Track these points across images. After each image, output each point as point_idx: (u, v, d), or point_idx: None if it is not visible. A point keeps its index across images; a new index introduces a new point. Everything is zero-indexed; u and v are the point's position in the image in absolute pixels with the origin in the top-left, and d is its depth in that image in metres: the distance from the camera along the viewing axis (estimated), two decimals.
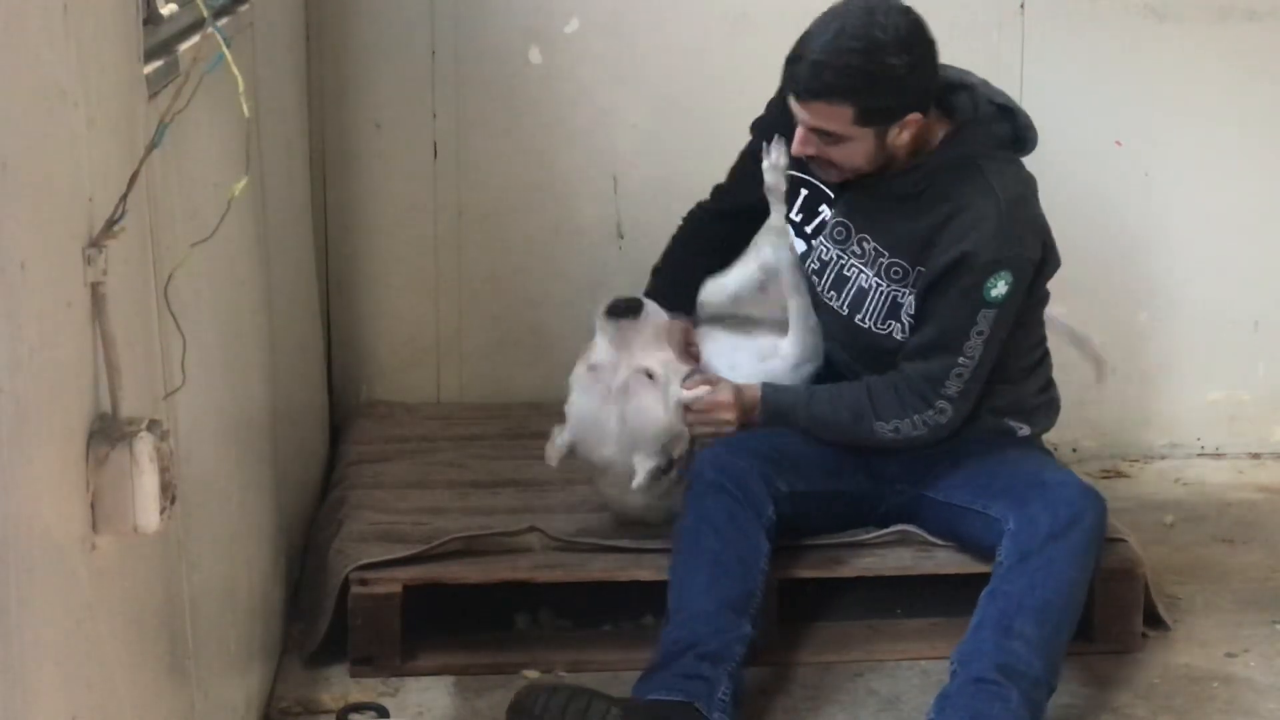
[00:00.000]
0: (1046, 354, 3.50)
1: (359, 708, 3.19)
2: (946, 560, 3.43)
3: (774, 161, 3.43)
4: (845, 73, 3.15)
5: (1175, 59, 4.43)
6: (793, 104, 3.24)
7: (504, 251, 4.43)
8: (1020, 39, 4.36)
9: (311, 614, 3.43)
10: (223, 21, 2.73)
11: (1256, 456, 4.59)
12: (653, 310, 3.41)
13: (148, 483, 1.85)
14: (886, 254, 3.31)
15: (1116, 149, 4.44)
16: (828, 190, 3.40)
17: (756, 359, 3.50)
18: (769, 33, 4.25)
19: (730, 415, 3.35)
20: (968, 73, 3.37)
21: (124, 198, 1.92)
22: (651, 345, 3.38)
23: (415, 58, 4.32)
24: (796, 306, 3.48)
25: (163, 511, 1.88)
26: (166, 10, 2.37)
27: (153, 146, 2.06)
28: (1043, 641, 3.05)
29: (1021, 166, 3.33)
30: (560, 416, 3.43)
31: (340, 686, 3.28)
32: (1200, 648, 3.50)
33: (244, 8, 3.08)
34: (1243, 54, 4.44)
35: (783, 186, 3.44)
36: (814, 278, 3.42)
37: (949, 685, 3.05)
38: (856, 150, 3.23)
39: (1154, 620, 3.52)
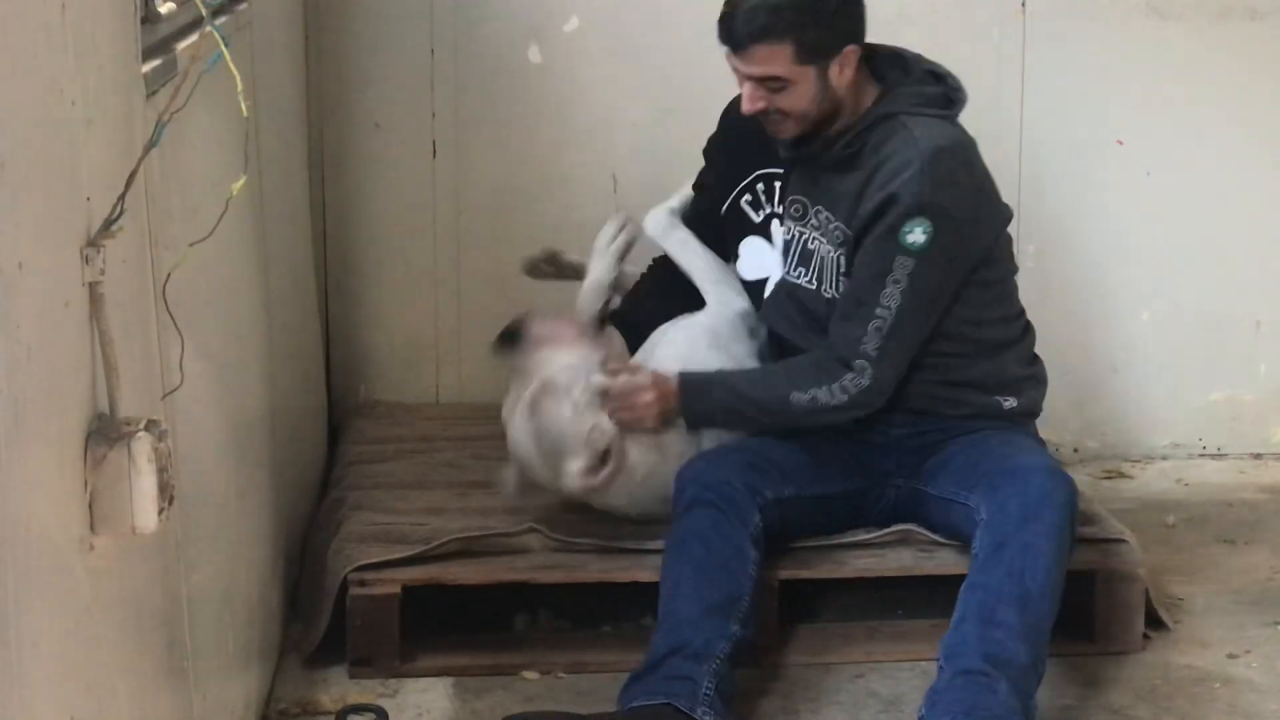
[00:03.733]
0: (1028, 328, 3.49)
1: (358, 709, 3.18)
2: (947, 560, 3.43)
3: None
4: (779, 10, 3.20)
5: (1177, 58, 4.43)
6: (733, 61, 3.28)
7: (504, 251, 4.42)
8: (1021, 38, 4.36)
9: (310, 615, 3.42)
10: (221, 20, 2.73)
11: (1258, 457, 4.59)
12: (538, 327, 3.41)
13: (146, 483, 1.84)
14: (831, 219, 3.34)
15: (1118, 148, 4.44)
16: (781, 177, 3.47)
17: (677, 328, 3.52)
18: None
19: (649, 397, 3.36)
20: (903, 49, 3.40)
21: (122, 197, 1.92)
22: (549, 356, 3.38)
23: (415, 57, 4.32)
24: (697, 266, 3.54)
25: (161, 512, 1.87)
26: (164, 9, 2.37)
27: (151, 145, 2.05)
28: (1026, 628, 3.04)
29: (952, 124, 3.34)
30: None
31: (339, 687, 3.28)
32: (1202, 649, 3.49)
33: (242, 6, 3.07)
34: (1244, 53, 4.43)
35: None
36: (785, 259, 3.46)
37: (937, 681, 3.05)
38: (802, 93, 3.25)
39: (1155, 621, 3.52)
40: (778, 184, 3.51)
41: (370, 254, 4.42)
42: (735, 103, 3.46)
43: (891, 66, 3.36)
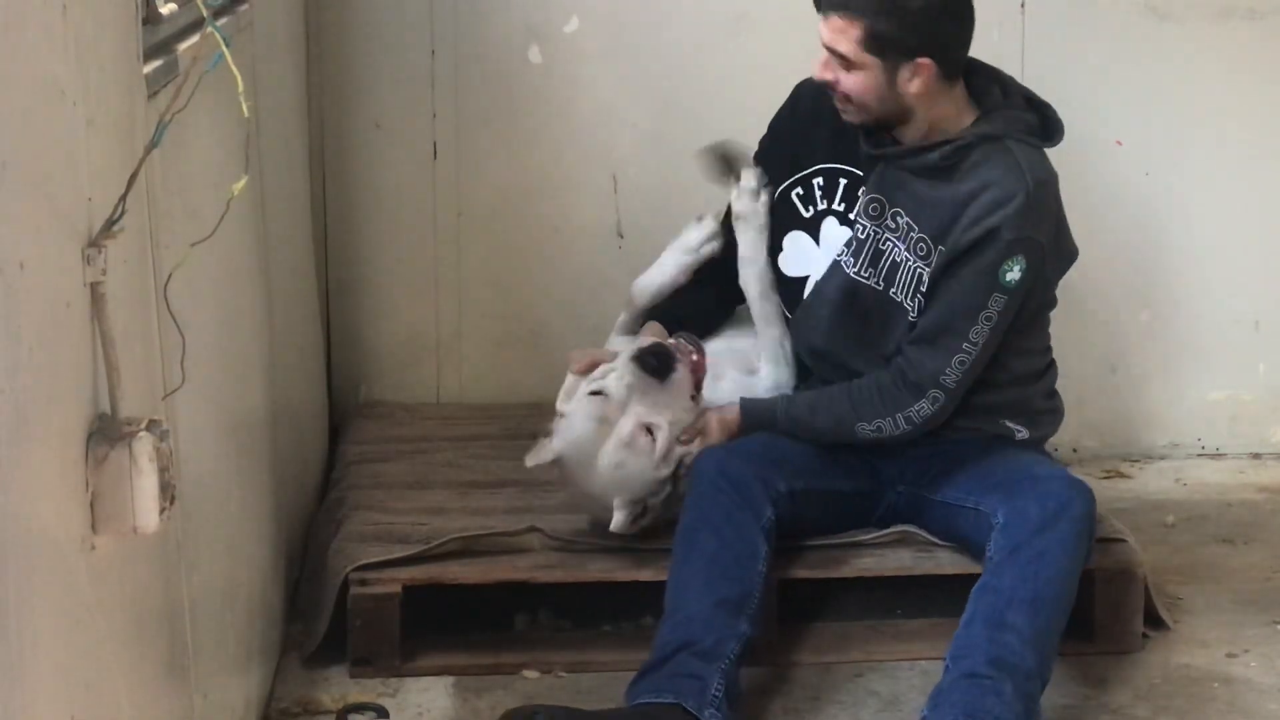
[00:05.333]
0: (1053, 362, 3.50)
1: (358, 708, 3.19)
2: (946, 560, 3.43)
3: (746, 186, 3.45)
4: None
5: (1176, 58, 4.43)
6: (820, 23, 3.27)
7: (504, 251, 4.43)
8: (1021, 38, 4.36)
9: (311, 614, 3.43)
10: (222, 21, 2.73)
11: (1257, 457, 4.59)
12: (680, 376, 3.35)
13: (147, 483, 1.84)
14: (916, 229, 3.31)
15: (1117, 148, 4.44)
16: (862, 173, 3.39)
17: (743, 372, 3.51)
18: (769, 33, 4.27)
19: (714, 441, 3.38)
20: (999, 69, 3.39)
21: (123, 197, 1.92)
22: (665, 403, 3.34)
23: (415, 58, 4.32)
24: (771, 338, 3.50)
25: (162, 512, 1.88)
26: (166, 10, 2.37)
27: (152, 146, 2.06)
28: (1035, 633, 3.05)
29: (1046, 156, 3.34)
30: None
31: (340, 687, 3.28)
32: (1201, 648, 3.50)
33: (243, 7, 3.08)
34: (1243, 54, 4.44)
35: (758, 218, 3.46)
36: (849, 258, 3.40)
37: (942, 681, 3.06)
38: (865, 82, 3.23)
39: (1154, 621, 3.52)
40: (842, 181, 3.42)
41: (371, 254, 4.42)
42: (809, 82, 3.43)
43: (988, 84, 3.34)
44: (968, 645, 3.06)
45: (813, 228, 3.48)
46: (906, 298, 3.34)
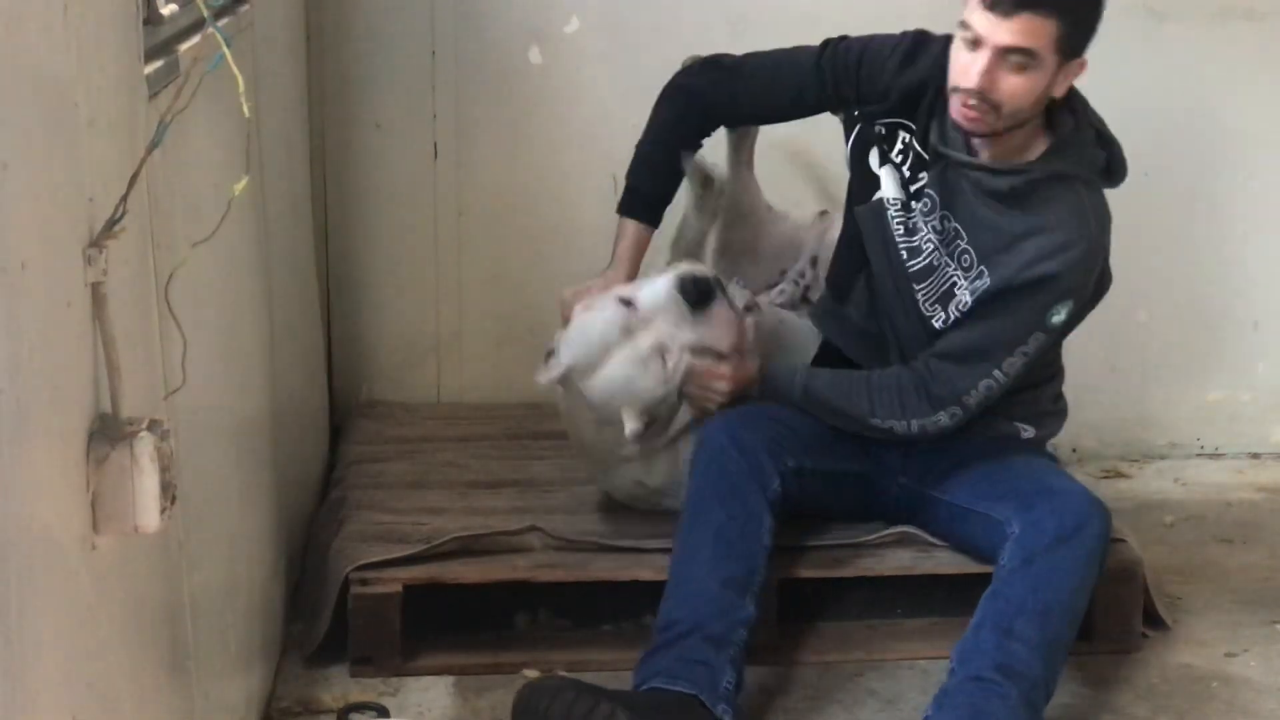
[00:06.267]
0: (1061, 368, 3.50)
1: (359, 707, 3.19)
2: (946, 560, 3.44)
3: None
4: None
5: (1176, 59, 4.43)
6: (984, 25, 3.10)
7: (504, 251, 4.43)
8: None
9: (311, 614, 3.43)
10: (223, 21, 2.73)
11: (1256, 456, 4.59)
12: (717, 313, 3.34)
13: (148, 483, 1.85)
14: (964, 238, 3.28)
15: None
16: (925, 154, 3.31)
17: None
18: (769, 33, 4.25)
19: (723, 385, 3.36)
20: (1074, 89, 3.31)
21: (124, 198, 1.93)
22: (690, 332, 3.34)
23: (415, 58, 4.33)
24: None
25: (163, 511, 1.88)
26: (167, 10, 2.37)
27: (153, 146, 2.06)
28: (1043, 645, 3.05)
29: (1106, 199, 3.32)
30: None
31: (340, 686, 3.29)
32: (1200, 648, 3.50)
33: (244, 8, 3.08)
34: (1244, 54, 4.44)
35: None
36: (899, 228, 3.36)
37: (948, 683, 3.06)
38: (1035, 83, 3.12)
39: (1154, 620, 3.53)
40: (903, 135, 3.34)
41: (371, 254, 4.43)
42: (931, 42, 3.33)
43: (1059, 110, 3.26)
44: (975, 650, 3.06)
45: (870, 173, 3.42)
46: (927, 302, 3.33)
